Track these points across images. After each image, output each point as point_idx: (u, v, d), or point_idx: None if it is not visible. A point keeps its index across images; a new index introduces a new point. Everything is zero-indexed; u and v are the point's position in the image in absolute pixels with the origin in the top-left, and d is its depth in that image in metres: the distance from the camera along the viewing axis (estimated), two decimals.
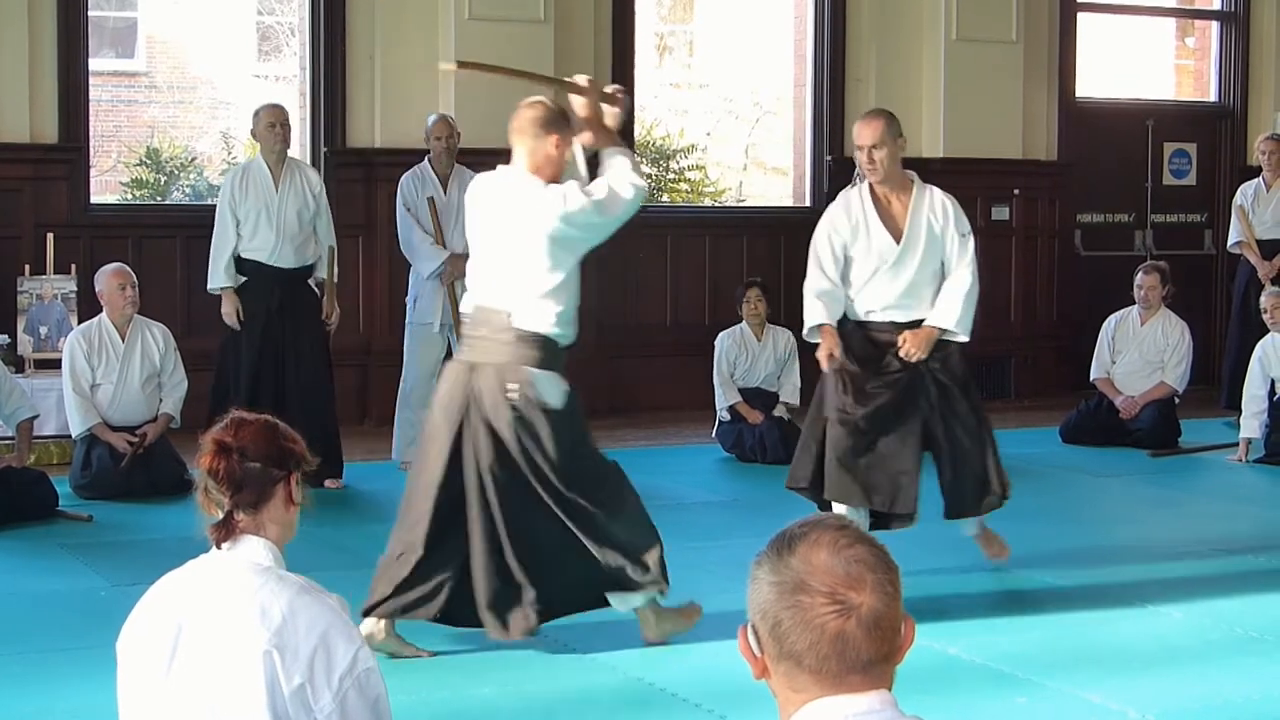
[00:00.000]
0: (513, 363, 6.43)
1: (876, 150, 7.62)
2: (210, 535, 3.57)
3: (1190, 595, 7.61)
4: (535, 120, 6.59)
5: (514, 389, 6.39)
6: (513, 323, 6.46)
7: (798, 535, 2.61)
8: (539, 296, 6.47)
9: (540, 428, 6.41)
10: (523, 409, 6.39)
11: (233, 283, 10.00)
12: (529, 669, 6.40)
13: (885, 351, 7.70)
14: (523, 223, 6.47)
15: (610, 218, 6.57)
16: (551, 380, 6.50)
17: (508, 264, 6.52)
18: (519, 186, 6.54)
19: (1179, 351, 12.10)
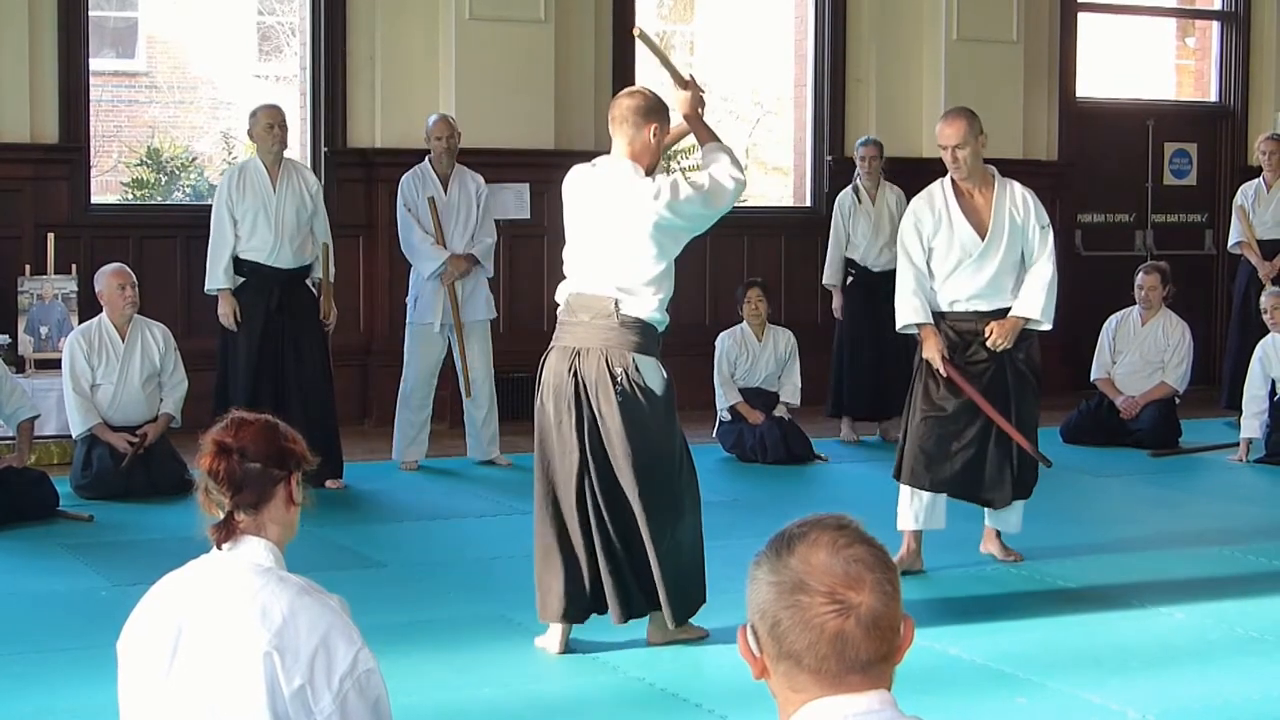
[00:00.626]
0: (618, 348, 6.51)
1: (960, 150, 7.92)
2: (211, 536, 3.56)
3: (1191, 595, 7.61)
4: (635, 109, 6.63)
5: (620, 372, 6.47)
6: (619, 309, 6.53)
7: (796, 535, 2.61)
8: (643, 284, 6.55)
9: (641, 412, 6.49)
10: (627, 393, 6.47)
11: (230, 284, 10.00)
12: (530, 669, 6.40)
13: (970, 341, 7.98)
14: (628, 212, 6.52)
15: (714, 209, 6.64)
16: (654, 366, 6.58)
17: (612, 252, 6.57)
18: (622, 176, 6.60)
19: (1179, 352, 12.10)
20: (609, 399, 6.47)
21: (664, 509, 6.53)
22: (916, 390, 8.05)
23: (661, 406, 6.56)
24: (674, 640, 6.67)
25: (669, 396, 6.61)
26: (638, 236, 6.51)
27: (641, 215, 6.49)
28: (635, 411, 6.47)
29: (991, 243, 7.93)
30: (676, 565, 6.55)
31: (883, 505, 7.96)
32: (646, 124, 6.61)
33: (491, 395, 10.88)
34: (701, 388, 11.83)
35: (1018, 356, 7.99)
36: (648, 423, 6.50)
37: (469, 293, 10.76)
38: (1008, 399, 7.94)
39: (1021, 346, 8.01)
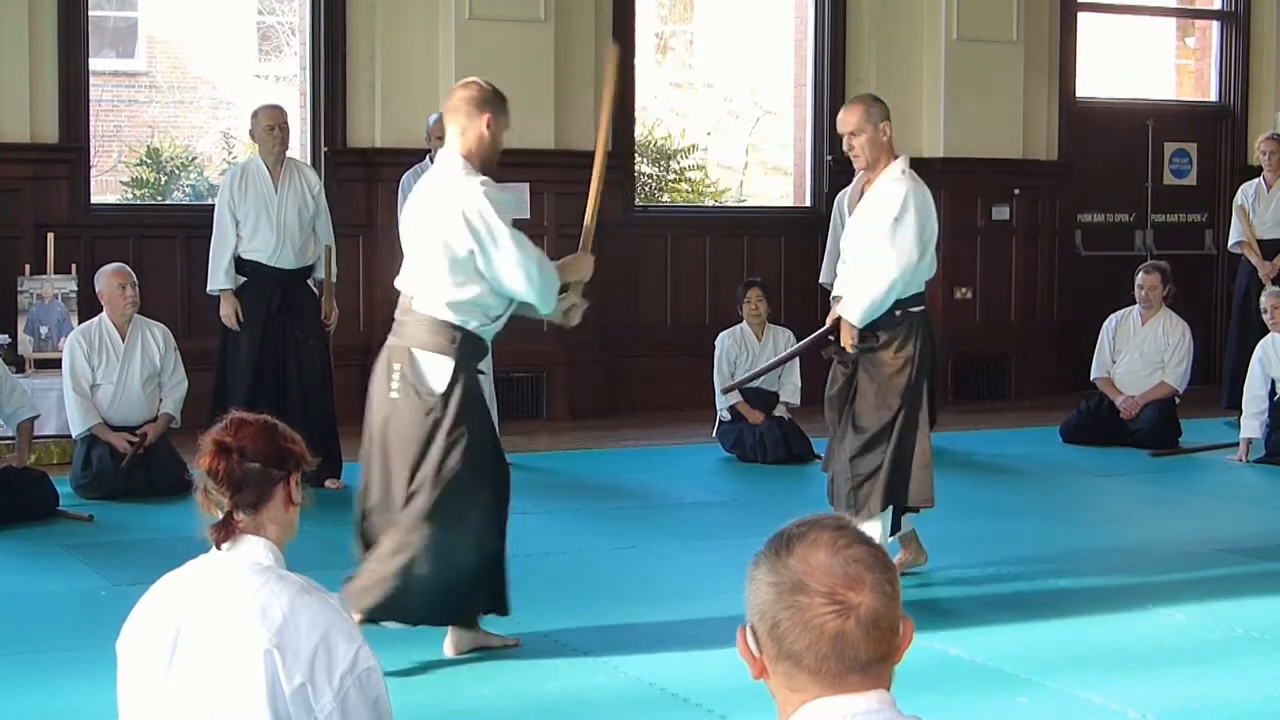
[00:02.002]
0: (404, 343, 6.31)
1: (855, 137, 7.55)
2: (210, 535, 3.57)
3: (1190, 595, 7.61)
4: (468, 99, 6.41)
5: (397, 368, 6.27)
6: (412, 305, 6.36)
7: (796, 535, 2.61)
8: (435, 279, 6.28)
9: (409, 411, 6.22)
10: (400, 391, 6.25)
11: (232, 284, 10.00)
12: (530, 670, 6.39)
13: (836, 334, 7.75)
14: (435, 206, 6.33)
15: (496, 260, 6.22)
16: (438, 364, 6.24)
17: (416, 246, 6.42)
18: (443, 169, 6.44)
19: (1179, 351, 12.10)
20: (383, 395, 6.30)
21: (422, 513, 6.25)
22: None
23: (437, 406, 6.21)
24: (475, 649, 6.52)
25: (459, 400, 6.23)
26: (433, 233, 6.28)
27: (444, 212, 6.26)
28: (406, 411, 6.23)
29: (849, 234, 7.72)
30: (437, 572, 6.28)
31: None
32: (480, 115, 6.38)
33: (491, 395, 10.86)
34: (701, 387, 11.84)
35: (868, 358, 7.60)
36: (418, 424, 6.20)
37: None
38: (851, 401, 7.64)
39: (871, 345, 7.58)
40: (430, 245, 6.29)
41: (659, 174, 21.51)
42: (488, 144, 6.42)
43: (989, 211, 14.41)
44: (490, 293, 6.30)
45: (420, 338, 6.29)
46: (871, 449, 7.59)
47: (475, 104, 6.40)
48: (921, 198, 7.54)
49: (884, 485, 7.56)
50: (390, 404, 6.29)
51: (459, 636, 6.49)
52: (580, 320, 6.86)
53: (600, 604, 7.30)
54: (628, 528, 9.06)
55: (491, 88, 6.49)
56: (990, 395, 14.40)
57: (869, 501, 7.56)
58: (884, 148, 7.57)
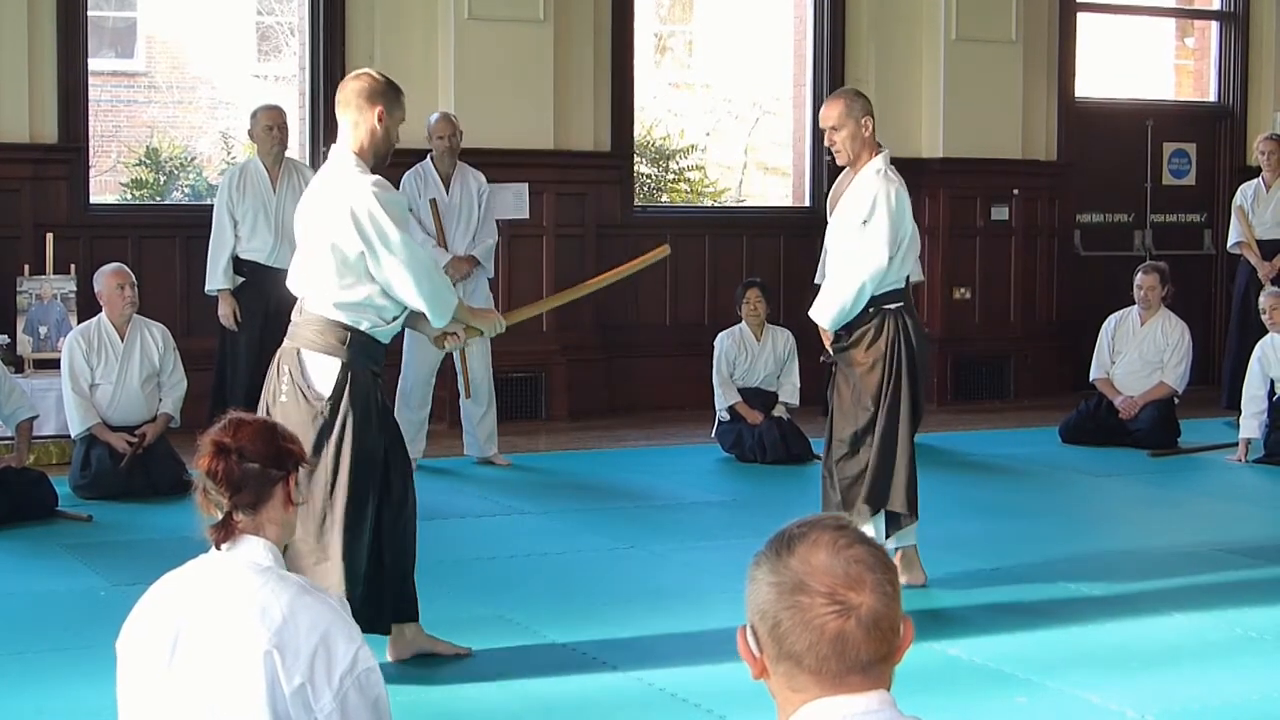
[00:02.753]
0: (295, 346, 6.14)
1: (836, 131, 7.49)
2: (209, 536, 3.57)
3: (1190, 595, 7.61)
4: (359, 91, 6.24)
5: (285, 371, 6.10)
6: (304, 306, 6.21)
7: (796, 536, 2.61)
8: (325, 280, 6.09)
9: (298, 415, 5.96)
10: (288, 395, 6.06)
11: (230, 284, 10.00)
12: (529, 669, 6.39)
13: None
14: (322, 203, 6.14)
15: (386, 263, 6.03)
16: (327, 365, 6.06)
17: (305, 245, 6.23)
18: (334, 166, 6.23)
19: (1179, 351, 12.10)
20: (272, 400, 6.13)
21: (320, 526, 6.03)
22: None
23: (326, 411, 6.02)
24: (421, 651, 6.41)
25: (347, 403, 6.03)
26: (324, 232, 6.08)
27: (333, 212, 6.05)
28: (292, 412, 5.98)
29: (830, 234, 7.70)
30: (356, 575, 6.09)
31: None
32: (371, 107, 6.20)
33: (490, 395, 10.88)
34: (700, 387, 11.84)
35: (842, 358, 7.58)
36: (304, 425, 5.91)
37: (469, 293, 10.75)
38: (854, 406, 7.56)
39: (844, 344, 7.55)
40: (319, 245, 6.08)
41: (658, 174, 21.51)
42: (380, 138, 6.24)
43: (988, 211, 14.41)
44: (382, 294, 6.11)
45: (309, 338, 6.10)
46: (855, 451, 7.53)
47: (366, 96, 6.22)
48: (895, 197, 7.44)
49: (868, 489, 7.48)
50: (279, 409, 6.04)
51: (397, 644, 6.35)
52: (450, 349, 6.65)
53: (599, 604, 7.30)
54: (627, 528, 9.06)
55: (385, 79, 6.31)
56: (989, 395, 14.40)
57: (855, 506, 7.48)
58: (865, 143, 7.51)
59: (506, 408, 11.58)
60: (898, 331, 7.46)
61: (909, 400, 7.47)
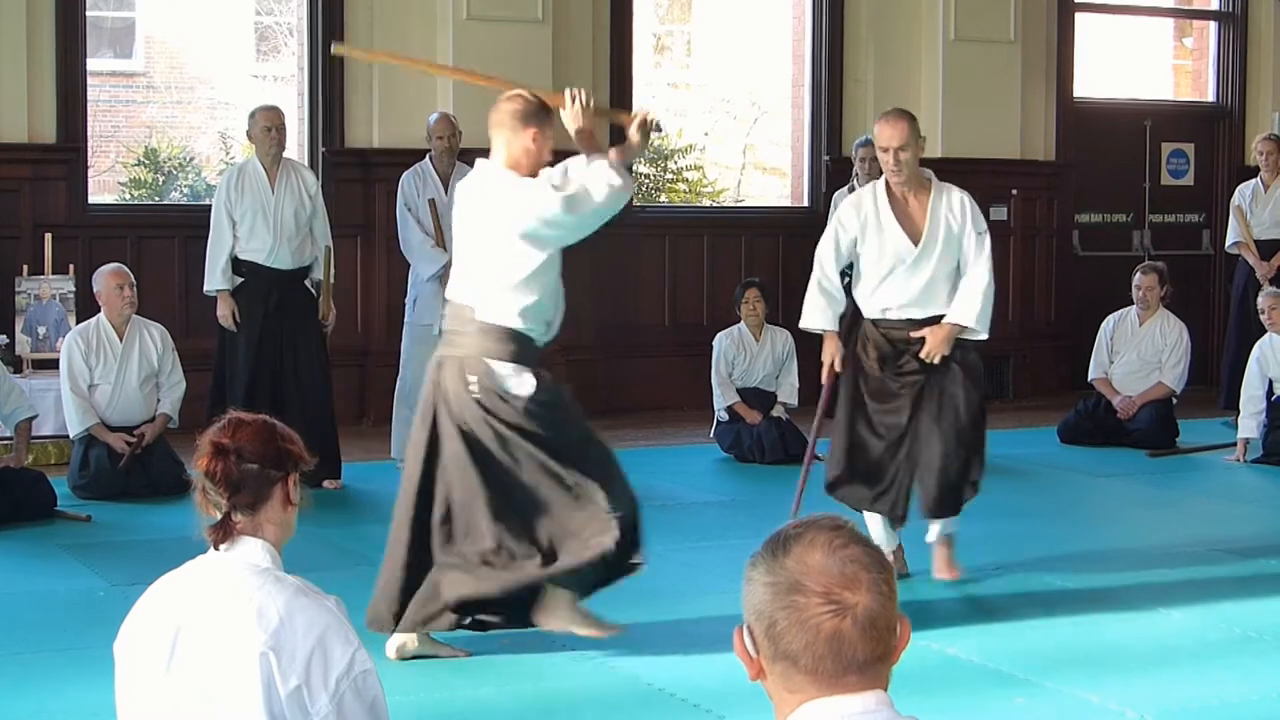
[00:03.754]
0: (473, 355, 6.35)
1: (903, 152, 7.65)
2: (208, 536, 3.56)
3: (1188, 595, 7.61)
4: (514, 113, 6.53)
5: (473, 380, 6.31)
6: (476, 315, 6.40)
7: (792, 536, 2.61)
8: (501, 289, 6.37)
9: (507, 415, 6.30)
10: (484, 400, 6.30)
11: (229, 285, 10.00)
12: (527, 669, 6.40)
13: (902, 350, 7.74)
14: (494, 216, 6.41)
15: (578, 214, 6.42)
16: (515, 371, 6.35)
17: (474, 258, 6.48)
18: (494, 180, 6.51)
19: (1177, 352, 12.10)
20: (463, 408, 6.30)
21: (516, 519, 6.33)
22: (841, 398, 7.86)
23: (520, 414, 6.32)
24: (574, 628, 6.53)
25: (541, 405, 6.38)
26: (498, 241, 6.38)
27: (505, 220, 6.37)
28: (497, 417, 6.29)
29: (925, 249, 7.68)
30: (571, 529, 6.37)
31: None
32: (525, 128, 6.50)
33: None
34: (699, 388, 11.84)
35: (951, 367, 7.72)
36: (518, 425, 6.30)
37: None
38: (939, 411, 7.70)
39: (955, 356, 7.72)
40: (501, 255, 6.38)
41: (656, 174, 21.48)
42: (533, 157, 6.53)
43: (987, 212, 14.19)
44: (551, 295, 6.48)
45: (490, 348, 6.37)
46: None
47: (521, 118, 6.53)
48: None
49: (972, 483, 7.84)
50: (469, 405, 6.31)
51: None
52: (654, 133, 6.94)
53: (598, 603, 7.29)
54: None
55: (537, 100, 6.62)
56: (988, 395, 14.34)
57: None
58: (918, 162, 7.81)
59: None
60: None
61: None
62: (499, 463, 6.32)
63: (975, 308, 7.68)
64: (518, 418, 6.31)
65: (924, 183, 7.78)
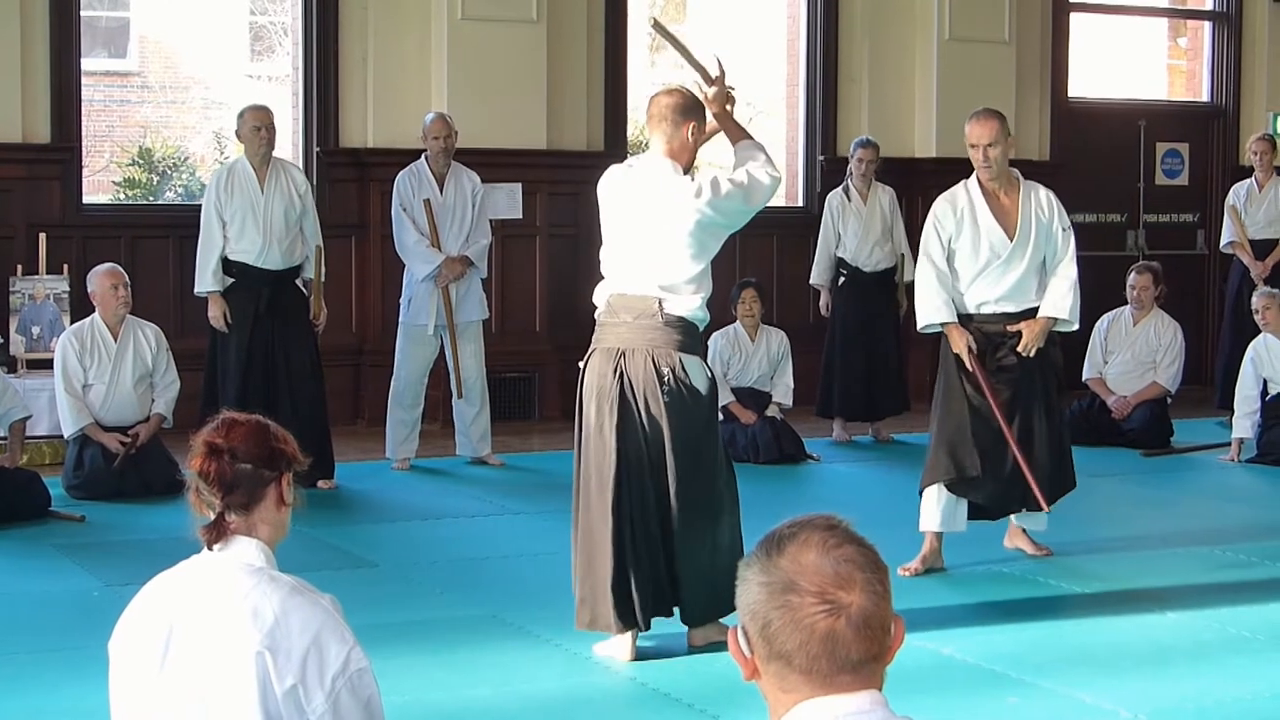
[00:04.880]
0: (664, 347, 6.50)
1: (992, 148, 7.89)
2: (202, 536, 3.56)
3: (1182, 595, 7.62)
4: (673, 107, 6.66)
5: (667, 372, 6.47)
6: (663, 308, 6.52)
7: (787, 536, 2.61)
8: (685, 282, 6.55)
9: (687, 412, 6.50)
10: (674, 392, 6.47)
11: (219, 286, 9.98)
12: (524, 669, 6.40)
13: (999, 344, 7.99)
14: (669, 211, 6.53)
15: (753, 205, 6.67)
16: (699, 365, 6.60)
17: (653, 252, 6.56)
18: (661, 175, 6.61)
19: (1171, 351, 12.10)
20: (657, 399, 6.47)
21: (703, 509, 6.55)
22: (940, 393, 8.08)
23: (706, 406, 6.60)
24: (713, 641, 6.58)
25: (713, 396, 6.67)
26: (679, 235, 6.52)
27: (683, 214, 6.51)
28: (681, 412, 6.49)
29: (1019, 244, 7.95)
30: (713, 565, 6.47)
31: (874, 505, 7.99)
32: (685, 122, 6.64)
33: (484, 395, 10.88)
34: None
35: (1046, 359, 8.05)
36: (694, 423, 6.52)
37: (462, 294, 10.76)
38: (1045, 400, 8.04)
39: (1049, 349, 8.05)
40: (677, 250, 6.53)
41: None
42: (691, 149, 6.70)
43: None
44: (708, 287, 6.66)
45: (679, 340, 6.54)
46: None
47: (681, 111, 6.66)
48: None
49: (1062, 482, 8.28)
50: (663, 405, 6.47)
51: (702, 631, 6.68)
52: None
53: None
54: None
55: (692, 95, 6.77)
56: None
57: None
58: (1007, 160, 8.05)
59: (499, 408, 11.58)
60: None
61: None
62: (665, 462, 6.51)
63: (1068, 301, 7.99)
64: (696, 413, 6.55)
65: (1014, 180, 8.08)
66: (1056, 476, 8.08)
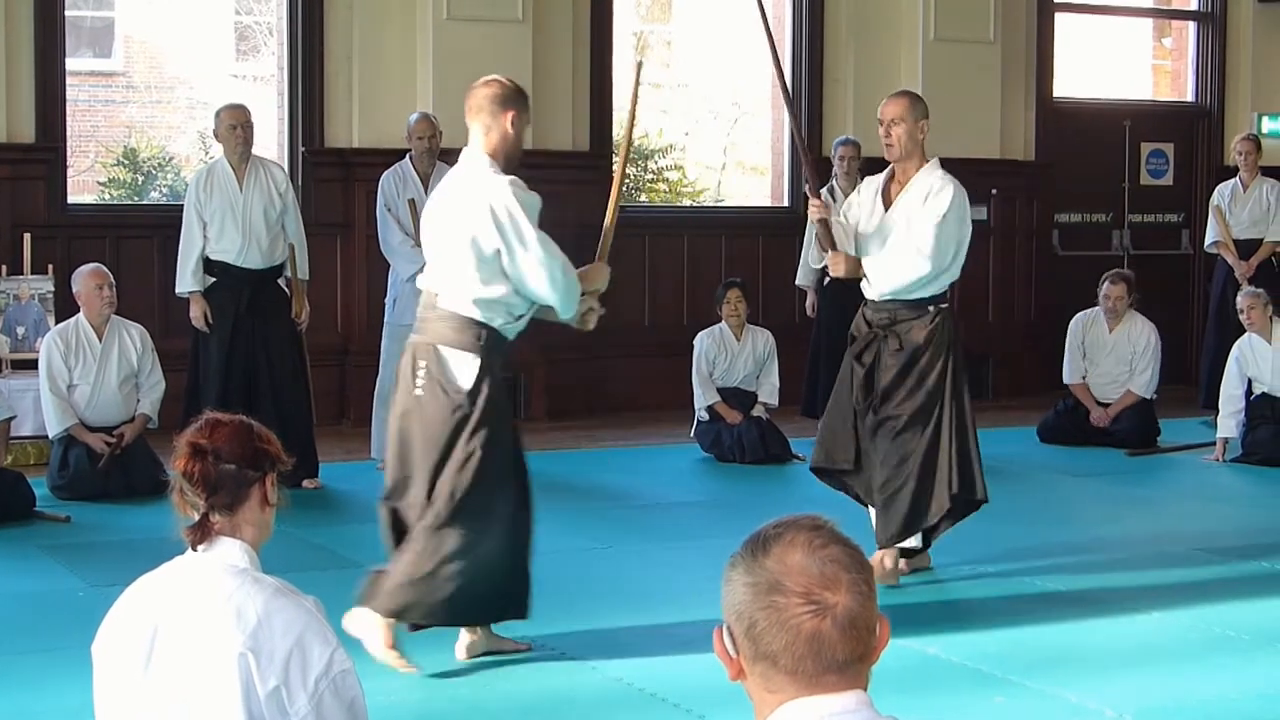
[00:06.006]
0: (430, 341, 6.28)
1: (895, 126, 7.70)
2: (186, 537, 3.56)
3: (1167, 595, 7.63)
4: (491, 98, 6.42)
5: (423, 365, 6.25)
6: (437, 302, 6.32)
7: (772, 536, 2.60)
8: (462, 277, 6.25)
9: (437, 408, 6.20)
10: (425, 389, 6.23)
11: (200, 286, 9.97)
12: (508, 669, 6.39)
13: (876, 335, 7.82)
14: (460, 203, 6.31)
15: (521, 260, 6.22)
16: (465, 361, 6.21)
17: (439, 244, 6.38)
18: (469, 168, 6.44)
19: (1146, 357, 12.02)
20: (409, 393, 6.28)
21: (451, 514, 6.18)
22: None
23: (465, 404, 6.18)
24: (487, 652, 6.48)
25: (485, 397, 6.19)
26: (460, 229, 6.23)
27: (472, 210, 6.23)
28: (431, 407, 6.20)
29: (881, 227, 7.72)
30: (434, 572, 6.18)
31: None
32: (504, 112, 6.37)
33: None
34: (679, 387, 11.83)
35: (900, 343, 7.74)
36: (444, 420, 6.18)
37: None
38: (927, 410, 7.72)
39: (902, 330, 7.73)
40: (458, 243, 6.25)
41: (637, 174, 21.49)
42: (511, 142, 6.43)
43: None
44: (514, 292, 6.30)
45: (446, 335, 6.26)
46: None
47: (499, 102, 6.41)
48: (964, 202, 7.76)
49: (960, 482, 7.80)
50: (414, 401, 6.27)
51: (473, 639, 6.45)
52: (593, 325, 6.86)
53: (579, 604, 7.30)
54: (606, 528, 9.06)
55: (513, 85, 6.53)
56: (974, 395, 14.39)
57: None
58: (918, 145, 7.77)
59: None
60: (955, 333, 7.82)
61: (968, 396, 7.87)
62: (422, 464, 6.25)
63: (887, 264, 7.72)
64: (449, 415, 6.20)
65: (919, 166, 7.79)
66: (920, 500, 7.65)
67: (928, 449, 7.66)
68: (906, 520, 7.62)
